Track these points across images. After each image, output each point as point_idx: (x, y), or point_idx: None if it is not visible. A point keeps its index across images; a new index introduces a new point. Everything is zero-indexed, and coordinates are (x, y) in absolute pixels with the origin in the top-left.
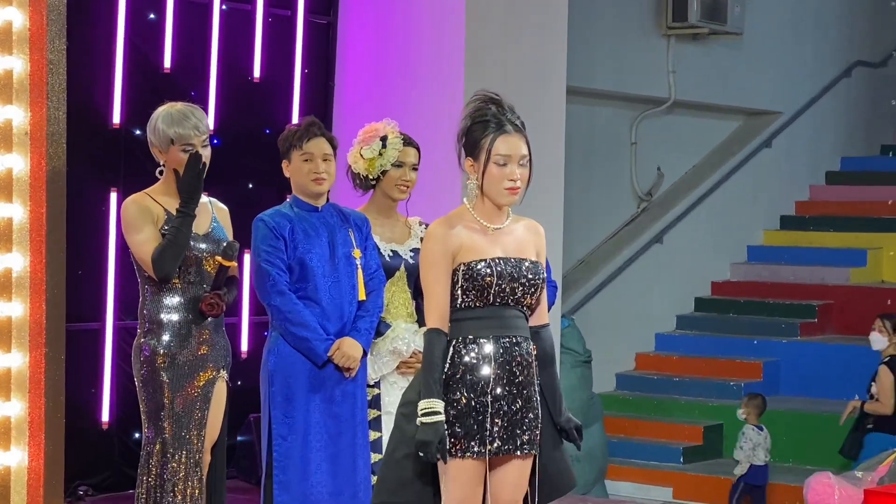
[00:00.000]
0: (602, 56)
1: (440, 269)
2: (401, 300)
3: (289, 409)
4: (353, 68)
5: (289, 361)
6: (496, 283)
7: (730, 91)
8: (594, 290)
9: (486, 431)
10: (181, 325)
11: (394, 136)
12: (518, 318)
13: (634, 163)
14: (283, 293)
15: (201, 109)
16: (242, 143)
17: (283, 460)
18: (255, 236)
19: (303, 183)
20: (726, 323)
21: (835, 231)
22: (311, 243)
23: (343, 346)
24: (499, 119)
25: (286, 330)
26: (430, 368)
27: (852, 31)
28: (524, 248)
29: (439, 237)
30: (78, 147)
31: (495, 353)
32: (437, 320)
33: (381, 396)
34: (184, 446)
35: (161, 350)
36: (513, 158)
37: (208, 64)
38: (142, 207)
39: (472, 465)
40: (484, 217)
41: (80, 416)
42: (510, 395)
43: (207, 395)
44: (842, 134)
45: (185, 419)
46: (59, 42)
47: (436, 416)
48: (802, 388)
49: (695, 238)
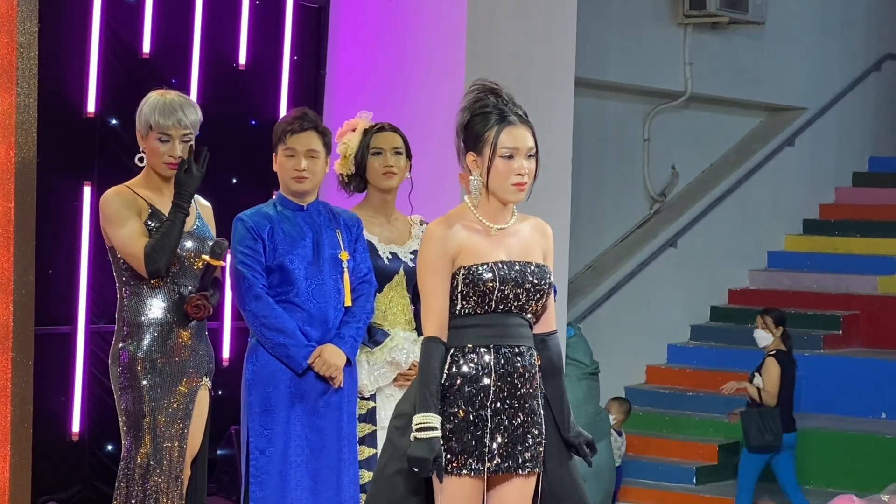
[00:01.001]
0: (614, 45)
1: (439, 273)
2: (399, 306)
3: (267, 420)
4: (346, 55)
5: (268, 370)
6: (498, 289)
7: (750, 85)
8: (603, 298)
9: (486, 448)
10: (162, 328)
11: (364, 125)
12: (521, 327)
13: (647, 161)
14: (259, 297)
15: (197, 105)
16: (226, 135)
17: (261, 475)
18: (233, 237)
19: (285, 180)
20: (744, 334)
21: (861, 236)
22: (294, 245)
23: (324, 354)
24: (501, 110)
25: (263, 336)
26: (427, 380)
27: (882, 22)
28: (530, 250)
29: (438, 239)
30: (49, 137)
31: (495, 363)
32: (435, 328)
33: (376, 410)
34: (165, 459)
35: (140, 355)
36: (520, 151)
37: (190, 49)
38: (125, 199)
39: (469, 484)
40: (487, 216)
41: (49, 427)
42: (511, 408)
43: (189, 404)
44: (870, 132)
45: (166, 430)
46: (30, 24)
47: (432, 431)
48: (826, 405)
49: (711, 242)
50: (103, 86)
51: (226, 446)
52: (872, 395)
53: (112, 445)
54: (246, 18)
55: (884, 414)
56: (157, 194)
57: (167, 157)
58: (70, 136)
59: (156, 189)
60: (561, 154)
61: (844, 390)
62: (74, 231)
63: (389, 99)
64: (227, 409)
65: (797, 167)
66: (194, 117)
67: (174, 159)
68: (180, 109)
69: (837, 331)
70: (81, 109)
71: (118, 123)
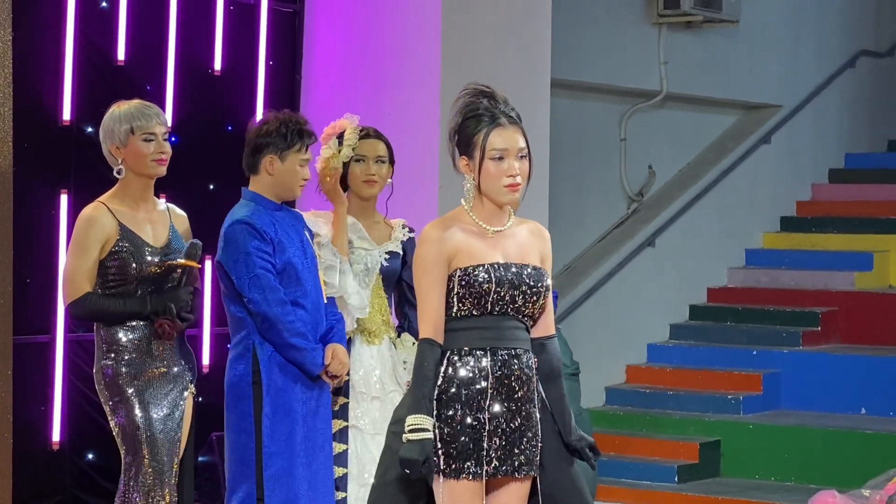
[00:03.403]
0: (589, 46)
1: (434, 275)
2: (376, 306)
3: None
4: (322, 60)
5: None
6: (495, 291)
7: (726, 83)
8: (581, 298)
9: (483, 451)
10: (140, 343)
11: (351, 130)
12: (518, 329)
13: (624, 161)
14: (283, 303)
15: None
16: (202, 141)
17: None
18: (238, 241)
19: (291, 185)
20: (723, 332)
21: (839, 233)
22: (292, 244)
23: (338, 354)
24: (492, 112)
25: (284, 342)
26: (421, 382)
27: (856, 18)
28: (527, 252)
29: (434, 240)
30: (25, 146)
31: (492, 366)
32: (431, 330)
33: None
34: (165, 469)
35: (123, 369)
36: (510, 152)
37: (165, 55)
38: (96, 227)
39: (468, 487)
40: (483, 219)
41: (29, 436)
42: (509, 411)
43: (178, 412)
44: (846, 129)
45: (160, 442)
46: (3, 32)
47: (423, 433)
48: (805, 402)
49: (689, 241)
50: (79, 93)
51: (207, 453)
52: (852, 390)
53: (93, 454)
54: (220, 24)
55: (863, 409)
56: (132, 209)
57: (156, 155)
58: (46, 144)
59: (132, 203)
60: (538, 155)
61: (824, 386)
62: (51, 239)
63: (365, 102)
64: (207, 415)
65: (774, 165)
66: (164, 116)
67: (163, 155)
68: (152, 109)
69: (816, 327)
70: (57, 117)
71: (94, 131)
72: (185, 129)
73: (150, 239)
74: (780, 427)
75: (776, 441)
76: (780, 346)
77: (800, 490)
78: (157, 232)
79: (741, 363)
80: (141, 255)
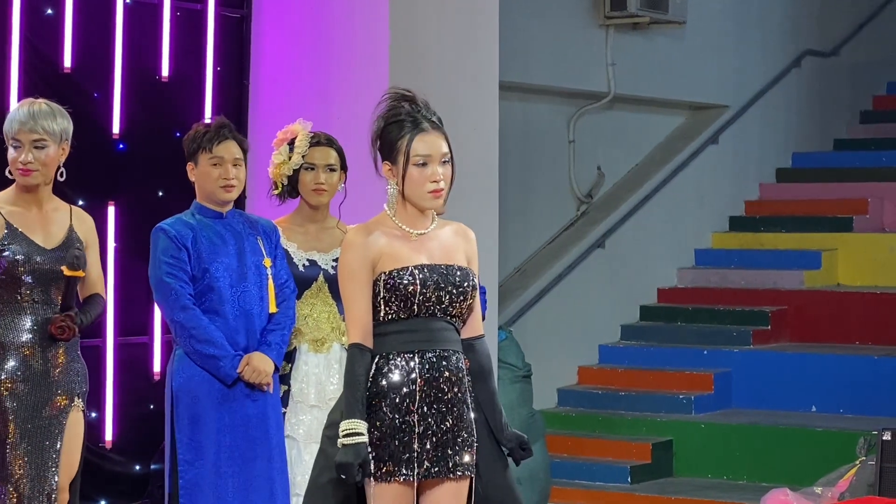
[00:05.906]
0: (536, 48)
1: (359, 280)
2: (325, 315)
3: (196, 432)
4: (270, 65)
5: (195, 380)
6: (420, 293)
7: (673, 84)
8: (532, 300)
9: (414, 453)
10: (27, 349)
11: (302, 136)
12: (447, 331)
13: (573, 162)
14: (186, 308)
15: (66, 116)
16: (151, 148)
17: (192, 488)
18: (155, 247)
19: (211, 189)
20: (674, 332)
21: (787, 232)
22: (217, 252)
23: (253, 361)
24: (414, 117)
25: (191, 348)
26: (353, 387)
27: (800, 18)
28: (452, 253)
29: (357, 246)
30: None
31: (420, 368)
32: (359, 335)
33: (290, 394)
34: (40, 486)
35: (3, 377)
36: (433, 158)
37: (112, 62)
38: None
39: (399, 490)
40: (406, 223)
41: None
42: (439, 413)
43: (58, 426)
44: (792, 128)
45: (36, 455)
46: None
47: (358, 437)
48: (756, 400)
49: (639, 242)
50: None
51: (159, 461)
52: (802, 388)
53: None
54: (167, 30)
55: (814, 407)
56: (22, 208)
57: (18, 164)
58: None
59: (24, 203)
60: (487, 158)
61: (775, 385)
62: None
63: (314, 107)
64: (159, 423)
65: (721, 165)
66: (58, 126)
67: (23, 165)
68: (40, 117)
69: (766, 326)
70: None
71: None
72: (133, 136)
73: (41, 240)
74: (731, 426)
75: (728, 440)
76: (730, 345)
77: (752, 488)
78: (52, 230)
79: (692, 363)
80: (30, 256)
